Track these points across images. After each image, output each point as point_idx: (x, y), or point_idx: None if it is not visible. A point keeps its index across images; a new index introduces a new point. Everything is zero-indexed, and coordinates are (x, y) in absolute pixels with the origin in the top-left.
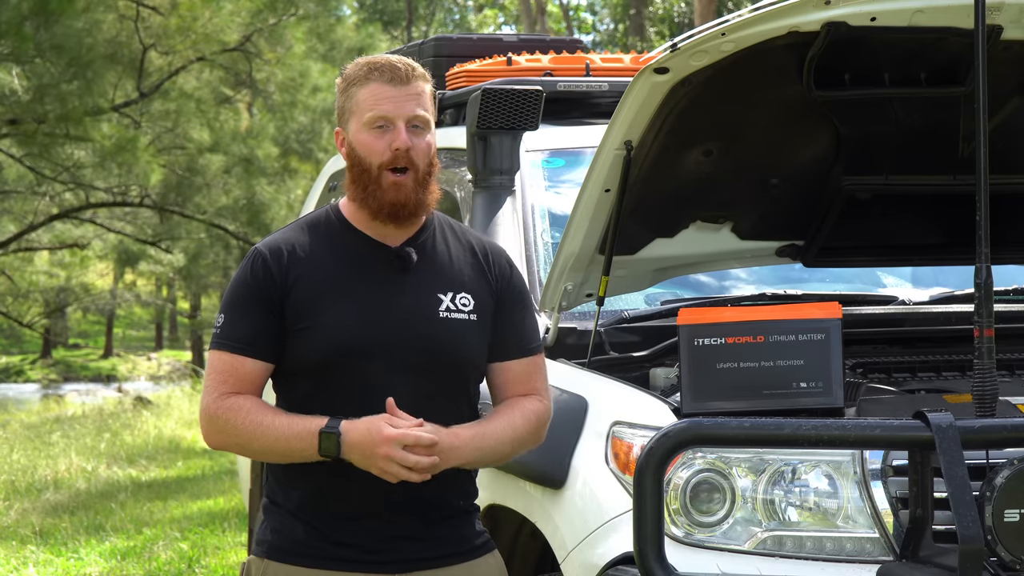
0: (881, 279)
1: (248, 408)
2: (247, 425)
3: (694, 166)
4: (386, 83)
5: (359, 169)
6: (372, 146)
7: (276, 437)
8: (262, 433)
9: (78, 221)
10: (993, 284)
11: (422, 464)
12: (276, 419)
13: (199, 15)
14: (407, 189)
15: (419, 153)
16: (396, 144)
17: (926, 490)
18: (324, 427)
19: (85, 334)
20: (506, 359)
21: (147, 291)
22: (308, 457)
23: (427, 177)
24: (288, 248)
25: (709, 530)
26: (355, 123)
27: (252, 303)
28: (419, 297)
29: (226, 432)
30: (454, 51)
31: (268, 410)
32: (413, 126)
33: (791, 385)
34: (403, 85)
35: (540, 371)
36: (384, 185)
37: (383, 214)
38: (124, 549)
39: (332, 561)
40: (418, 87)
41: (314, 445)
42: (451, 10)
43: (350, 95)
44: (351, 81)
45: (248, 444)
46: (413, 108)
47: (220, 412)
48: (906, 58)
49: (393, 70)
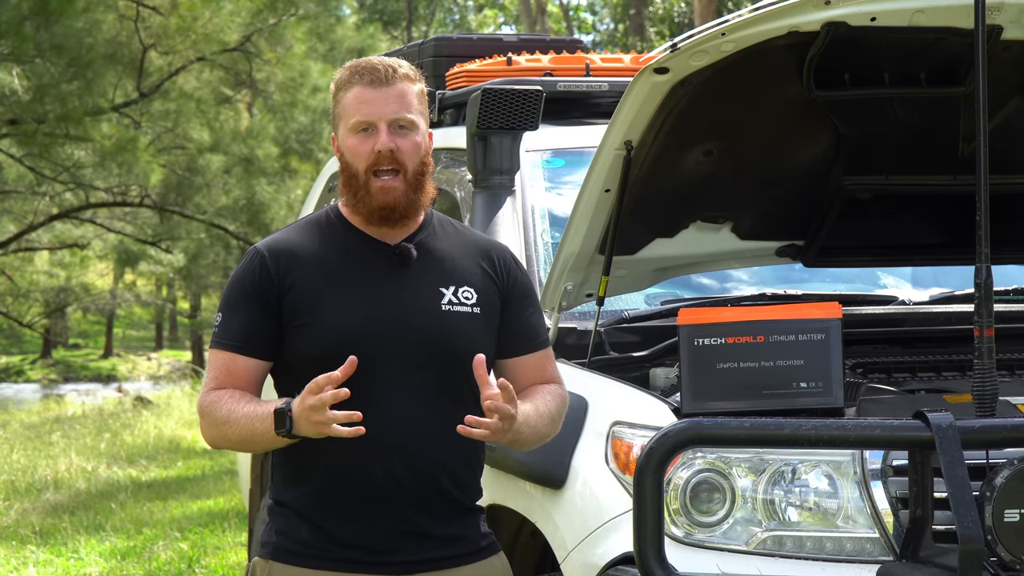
0: (881, 279)
1: (225, 398)
2: (223, 413)
3: (694, 166)
4: (367, 86)
5: (348, 174)
6: (357, 150)
7: (244, 423)
8: (234, 420)
9: (78, 221)
10: (993, 284)
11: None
12: (246, 406)
13: (199, 15)
14: (396, 192)
15: (406, 154)
16: (378, 146)
17: (926, 490)
18: (277, 406)
19: (85, 334)
20: (519, 354)
21: (147, 291)
22: (272, 439)
23: (419, 178)
24: (287, 247)
25: (709, 530)
26: (343, 128)
27: (248, 302)
28: (420, 291)
29: (209, 424)
30: (454, 51)
31: (243, 399)
32: (399, 127)
33: (791, 385)
34: (383, 87)
35: (552, 361)
36: (372, 190)
37: (375, 218)
38: (124, 549)
39: (338, 562)
40: (400, 88)
41: (272, 426)
42: (451, 10)
43: (338, 100)
44: (339, 86)
45: (227, 433)
46: (395, 110)
47: (204, 406)
48: (906, 58)
49: (373, 72)
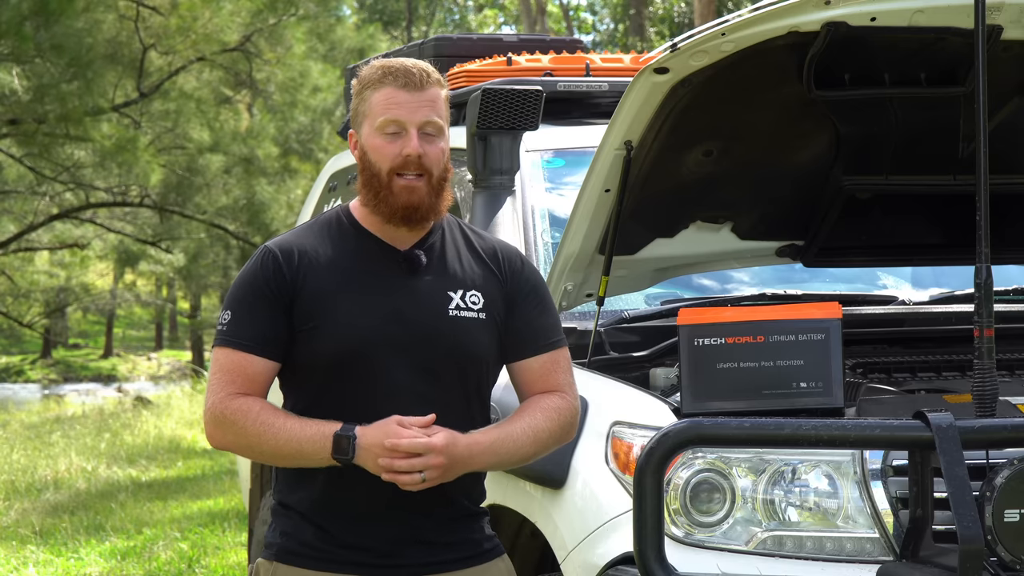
0: (881, 279)
1: (257, 410)
2: (256, 427)
3: (694, 166)
4: (400, 88)
5: (370, 173)
6: (383, 150)
7: (287, 440)
8: (272, 435)
9: (78, 221)
10: (993, 284)
11: (414, 473)
12: (288, 422)
13: (199, 15)
14: (420, 192)
15: (432, 159)
16: (407, 150)
17: (926, 490)
18: (339, 430)
19: (85, 334)
20: (524, 357)
21: (147, 291)
22: (319, 461)
23: (441, 183)
24: (299, 248)
25: (709, 530)
26: (368, 127)
27: (261, 301)
28: (429, 296)
29: (234, 433)
30: (454, 51)
31: (278, 413)
32: (426, 132)
33: (791, 385)
34: (417, 91)
35: (561, 366)
36: (395, 189)
37: (396, 218)
38: (124, 549)
39: (342, 565)
40: (432, 93)
41: (327, 448)
42: (451, 10)
43: (364, 98)
44: (365, 84)
45: (257, 446)
46: (426, 114)
47: (228, 413)
48: (906, 58)
49: (408, 75)
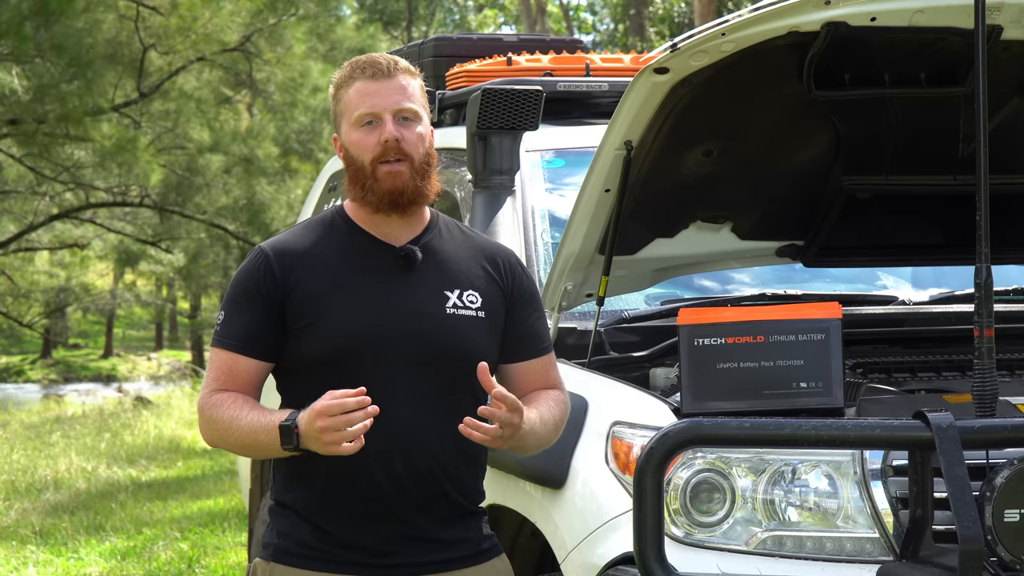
0: (881, 279)
1: (228, 403)
2: (224, 419)
3: (694, 166)
4: (369, 79)
5: (355, 168)
6: (363, 143)
7: (247, 431)
8: (236, 427)
9: (78, 221)
10: (993, 284)
11: (352, 426)
12: (249, 414)
13: (199, 15)
14: (404, 177)
15: (411, 144)
16: (384, 136)
17: (926, 490)
18: (283, 420)
19: (85, 334)
20: (523, 359)
21: (147, 291)
22: (276, 451)
23: (425, 167)
24: (292, 247)
25: (709, 530)
26: (346, 124)
27: (252, 302)
28: (425, 294)
29: (210, 428)
30: (454, 51)
31: (245, 405)
32: (402, 118)
33: (791, 385)
34: (386, 79)
35: (555, 367)
36: (379, 176)
37: (384, 204)
38: (124, 549)
39: (339, 564)
40: (401, 80)
41: (277, 439)
42: (451, 10)
43: (339, 99)
44: (339, 85)
45: (226, 438)
46: (398, 100)
47: (206, 408)
48: (906, 58)
49: (375, 65)
